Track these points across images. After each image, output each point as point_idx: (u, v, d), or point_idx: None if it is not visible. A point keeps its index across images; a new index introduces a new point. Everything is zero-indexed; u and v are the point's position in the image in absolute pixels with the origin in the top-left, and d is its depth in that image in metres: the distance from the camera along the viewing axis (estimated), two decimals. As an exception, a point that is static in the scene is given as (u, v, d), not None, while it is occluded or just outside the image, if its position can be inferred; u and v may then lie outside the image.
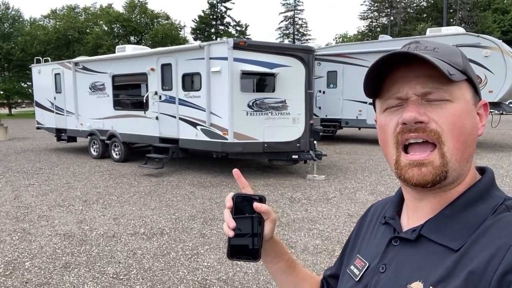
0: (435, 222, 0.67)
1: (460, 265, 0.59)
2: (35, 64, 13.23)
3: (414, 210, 0.72)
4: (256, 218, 0.78)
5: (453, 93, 0.64)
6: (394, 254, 0.70)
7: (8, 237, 4.88)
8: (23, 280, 3.72)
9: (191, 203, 6.32)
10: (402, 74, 0.66)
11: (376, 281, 0.70)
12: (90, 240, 4.74)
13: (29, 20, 48.77)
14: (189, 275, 3.77)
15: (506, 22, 44.88)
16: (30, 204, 6.41)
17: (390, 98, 0.68)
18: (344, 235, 4.80)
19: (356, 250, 0.82)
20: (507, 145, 12.61)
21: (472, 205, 0.65)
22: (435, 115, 0.64)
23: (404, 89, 0.65)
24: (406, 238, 0.69)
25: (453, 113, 0.64)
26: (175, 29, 44.85)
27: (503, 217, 0.62)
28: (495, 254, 0.57)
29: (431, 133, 0.64)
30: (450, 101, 0.64)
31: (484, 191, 0.67)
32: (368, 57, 12.43)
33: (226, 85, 7.72)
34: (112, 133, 10.48)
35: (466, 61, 0.69)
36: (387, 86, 0.68)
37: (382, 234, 0.77)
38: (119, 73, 10.25)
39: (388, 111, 0.69)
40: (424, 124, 0.64)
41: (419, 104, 0.64)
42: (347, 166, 9.39)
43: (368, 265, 0.74)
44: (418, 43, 0.69)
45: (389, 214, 0.78)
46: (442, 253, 0.63)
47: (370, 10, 56.64)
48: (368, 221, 0.86)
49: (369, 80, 0.69)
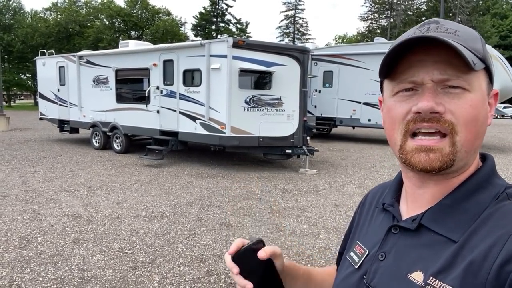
0: (435, 211, 0.66)
1: (461, 255, 0.59)
2: (39, 56, 13.59)
3: (413, 198, 0.71)
4: (266, 264, 0.75)
5: (472, 82, 0.62)
6: (394, 243, 0.69)
7: (19, 216, 5.29)
8: (37, 252, 4.13)
9: (189, 191, 6.74)
10: (419, 58, 0.63)
11: (375, 269, 0.70)
12: (96, 220, 5.16)
13: (30, 12, 49.02)
14: (187, 251, 4.19)
15: (504, 27, 45.40)
16: (38, 188, 6.81)
17: (404, 82, 0.64)
18: (330, 222, 5.23)
19: (356, 237, 0.83)
20: (495, 147, 13.07)
21: (473, 194, 0.65)
22: (453, 105, 0.61)
23: (420, 74, 0.62)
24: (406, 227, 0.68)
25: (471, 104, 0.61)
26: (176, 25, 45.20)
27: (503, 206, 0.62)
28: (494, 244, 0.57)
29: (445, 123, 0.62)
30: (468, 91, 0.62)
31: (485, 179, 0.66)
32: (363, 58, 12.86)
33: (225, 81, 8.13)
34: (114, 125, 10.87)
35: (485, 47, 0.66)
36: (401, 68, 0.64)
37: (381, 221, 0.76)
38: (122, 67, 10.64)
39: (399, 95, 0.66)
40: (439, 115, 0.61)
41: (435, 93, 0.62)
42: (339, 162, 9.82)
43: (368, 252, 0.74)
44: (438, 23, 0.65)
45: (388, 201, 0.77)
46: (442, 244, 0.63)
47: (370, 12, 57.08)
48: (367, 207, 0.86)
49: (387, 61, 0.65)
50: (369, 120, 13.12)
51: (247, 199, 6.29)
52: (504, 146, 13.47)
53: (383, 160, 10.19)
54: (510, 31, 44.90)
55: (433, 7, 52.52)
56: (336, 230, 4.89)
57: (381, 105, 0.73)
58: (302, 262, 3.94)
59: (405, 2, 54.46)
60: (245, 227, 4.97)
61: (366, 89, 12.73)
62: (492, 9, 49.17)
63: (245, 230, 4.84)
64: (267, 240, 4.51)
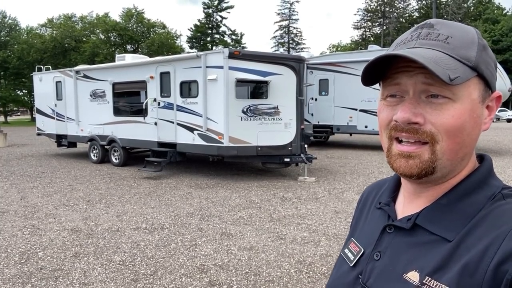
0: (430, 211, 0.66)
1: (456, 255, 0.59)
2: (36, 72, 13.64)
3: (410, 199, 0.71)
4: None
5: (457, 92, 0.61)
6: (389, 242, 0.69)
7: (19, 232, 5.27)
8: (37, 267, 4.11)
9: (188, 202, 6.73)
10: (406, 64, 0.63)
11: (371, 269, 0.70)
12: (96, 234, 5.14)
13: (25, 28, 49.20)
14: (188, 261, 4.18)
15: (496, 32, 45.97)
16: (37, 204, 6.79)
17: (391, 85, 0.66)
18: (330, 229, 5.23)
19: (351, 234, 0.84)
20: (491, 150, 13.14)
21: (469, 194, 0.65)
22: (434, 116, 0.61)
23: (403, 79, 0.63)
24: (401, 226, 0.69)
25: (453, 115, 0.61)
26: (171, 38, 45.46)
27: (498, 206, 0.62)
28: (490, 244, 0.57)
29: (423, 134, 0.62)
30: (452, 101, 0.61)
31: (482, 180, 0.66)
32: (358, 66, 12.98)
33: (221, 92, 8.19)
34: (112, 138, 10.88)
35: (481, 52, 0.64)
36: (390, 73, 0.66)
37: (377, 220, 0.76)
38: (119, 80, 10.70)
39: (388, 100, 0.67)
40: (418, 125, 0.62)
41: (416, 103, 0.62)
42: (337, 169, 9.85)
43: (363, 251, 0.74)
44: (432, 28, 0.65)
45: (384, 200, 0.77)
46: (437, 243, 0.63)
47: (363, 20, 57.73)
48: (362, 205, 0.87)
49: (365, 74, 0.67)
50: (366, 127, 13.19)
51: (247, 208, 6.29)
52: (500, 149, 13.55)
53: (381, 166, 10.23)
54: (502, 35, 45.47)
55: (425, 13, 53.21)
56: (337, 237, 4.89)
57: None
58: (303, 270, 3.94)
59: (398, 10, 55.20)
60: (245, 236, 4.96)
61: (362, 96, 12.82)
62: (483, 14, 49.85)
63: (245, 240, 4.83)
64: (268, 248, 4.51)
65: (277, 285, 3.63)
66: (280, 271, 3.92)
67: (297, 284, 3.64)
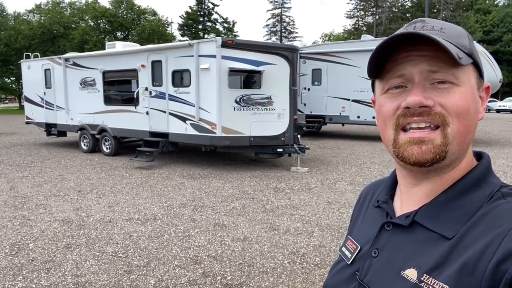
0: (429, 208, 0.66)
1: (455, 253, 0.59)
2: (24, 59, 13.36)
3: (408, 195, 0.71)
4: None
5: (460, 76, 0.63)
6: (387, 239, 0.69)
7: (9, 222, 5.19)
8: (28, 258, 4.06)
9: (181, 193, 6.70)
10: (407, 54, 0.64)
11: (368, 266, 0.70)
12: (88, 225, 5.09)
13: (13, 14, 48.06)
14: (181, 253, 4.17)
15: (487, 22, 46.21)
16: (26, 194, 6.70)
17: (393, 77, 0.66)
18: (323, 219, 5.25)
19: (349, 232, 0.83)
20: (481, 141, 13.29)
21: (467, 192, 0.65)
22: (442, 99, 0.62)
23: (408, 67, 0.63)
24: (399, 223, 0.68)
25: (460, 97, 0.62)
26: (162, 25, 44.76)
27: (498, 205, 0.61)
28: (490, 243, 0.57)
29: (435, 116, 0.62)
30: (457, 85, 0.63)
31: (480, 178, 0.66)
32: (351, 56, 12.95)
33: (214, 81, 8.10)
34: (102, 128, 10.75)
35: (472, 43, 0.67)
36: (389, 66, 0.66)
37: (375, 218, 0.76)
38: (109, 69, 10.52)
39: (389, 93, 0.67)
40: (429, 108, 0.62)
41: (423, 88, 0.63)
42: (330, 160, 9.88)
43: (360, 248, 0.74)
44: (424, 22, 0.67)
45: (382, 198, 0.77)
46: (436, 241, 0.62)
47: (356, 9, 57.44)
48: (360, 203, 0.87)
49: (374, 60, 0.66)
50: (358, 117, 13.22)
51: (240, 198, 6.28)
52: (490, 140, 13.71)
53: (373, 156, 10.28)
54: (493, 26, 45.72)
55: (417, 3, 53.10)
56: (330, 228, 4.92)
57: (374, 105, 0.74)
58: (297, 260, 3.96)
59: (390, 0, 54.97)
60: (239, 227, 4.96)
61: (355, 86, 12.81)
62: (475, 4, 49.96)
63: (239, 230, 4.83)
64: (262, 239, 4.52)
65: (271, 276, 3.64)
66: (273, 262, 3.93)
67: (291, 274, 3.66)
